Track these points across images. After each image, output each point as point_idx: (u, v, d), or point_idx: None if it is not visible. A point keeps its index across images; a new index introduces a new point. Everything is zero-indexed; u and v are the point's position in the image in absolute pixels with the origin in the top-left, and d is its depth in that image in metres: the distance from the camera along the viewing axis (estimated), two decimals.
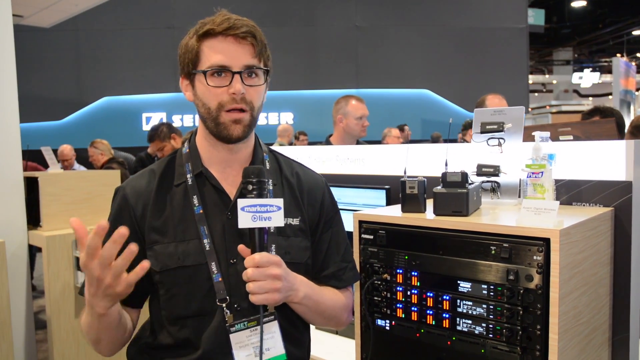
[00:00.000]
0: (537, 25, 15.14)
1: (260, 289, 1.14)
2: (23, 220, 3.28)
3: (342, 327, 1.44)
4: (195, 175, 1.30)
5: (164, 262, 1.24)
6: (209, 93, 1.24)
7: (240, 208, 1.13)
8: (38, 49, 9.77)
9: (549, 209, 1.16)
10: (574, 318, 1.16)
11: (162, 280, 1.25)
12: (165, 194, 1.29)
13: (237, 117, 1.24)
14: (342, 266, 1.38)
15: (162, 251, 1.25)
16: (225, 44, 1.22)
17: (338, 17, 11.38)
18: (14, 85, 3.26)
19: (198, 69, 1.25)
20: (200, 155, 1.32)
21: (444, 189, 1.31)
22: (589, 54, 22.49)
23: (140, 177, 1.33)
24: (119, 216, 1.29)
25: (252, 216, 1.14)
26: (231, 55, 1.22)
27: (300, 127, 9.36)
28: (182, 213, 1.27)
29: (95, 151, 5.70)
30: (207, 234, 1.25)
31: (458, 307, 1.23)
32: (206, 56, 1.23)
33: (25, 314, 3.28)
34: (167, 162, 1.35)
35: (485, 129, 1.52)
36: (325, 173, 2.29)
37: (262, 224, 1.15)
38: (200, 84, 1.25)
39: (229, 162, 1.32)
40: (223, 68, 1.22)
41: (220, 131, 1.25)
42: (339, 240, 1.41)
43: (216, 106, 1.23)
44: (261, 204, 1.15)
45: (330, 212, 1.41)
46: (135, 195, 1.29)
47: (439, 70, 11.61)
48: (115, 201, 1.33)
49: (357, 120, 3.47)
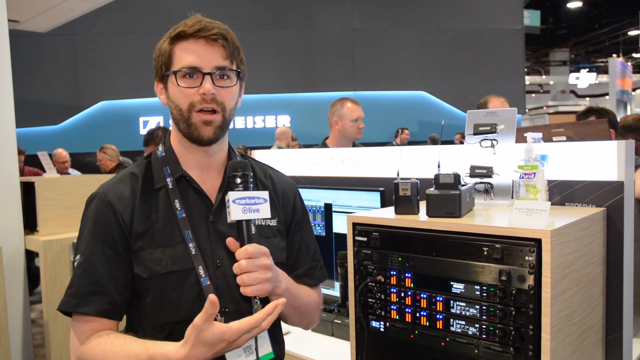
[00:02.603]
0: (533, 27, 15.18)
1: (254, 279, 1.17)
2: (20, 225, 3.28)
3: (313, 325, 1.49)
4: (176, 178, 1.29)
5: (152, 268, 1.23)
6: (181, 94, 1.25)
7: (232, 200, 1.17)
8: (35, 53, 9.77)
9: (541, 210, 1.17)
10: (567, 318, 1.17)
11: (150, 287, 1.23)
12: (149, 199, 1.28)
13: (208, 118, 1.25)
14: (312, 265, 1.47)
15: (149, 257, 1.24)
16: (196, 45, 1.24)
17: (334, 20, 11.39)
18: (10, 90, 3.26)
19: (170, 71, 1.26)
20: (178, 158, 1.32)
21: (437, 190, 1.32)
22: (586, 54, 22.55)
23: (121, 181, 1.30)
24: (105, 223, 1.24)
25: (243, 208, 1.18)
26: (202, 56, 1.24)
27: (297, 129, 9.38)
28: (166, 217, 1.26)
29: (105, 156, 5.76)
30: (191, 238, 1.25)
31: (451, 308, 1.24)
32: (178, 58, 1.25)
33: (23, 318, 3.28)
34: (145, 165, 1.33)
35: (478, 130, 1.53)
36: (320, 175, 2.30)
37: (252, 215, 1.19)
38: (172, 85, 1.26)
39: (205, 165, 1.33)
40: (194, 69, 1.23)
41: (191, 132, 1.26)
42: (309, 240, 1.48)
43: (187, 107, 1.25)
44: (250, 196, 1.19)
45: (300, 213, 1.47)
46: (119, 200, 1.26)
47: (435, 72, 11.63)
48: (93, 208, 1.27)
49: (353, 122, 3.48)
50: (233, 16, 11.11)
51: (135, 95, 10.57)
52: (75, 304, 1.21)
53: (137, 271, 1.24)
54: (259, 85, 10.40)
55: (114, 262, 1.23)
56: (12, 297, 3.15)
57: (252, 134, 11.01)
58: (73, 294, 1.22)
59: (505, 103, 3.34)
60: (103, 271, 1.22)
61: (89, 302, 1.20)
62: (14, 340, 3.18)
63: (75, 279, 1.24)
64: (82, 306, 1.20)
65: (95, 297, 1.21)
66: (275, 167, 1.52)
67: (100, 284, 1.22)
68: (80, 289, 1.21)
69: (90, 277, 1.22)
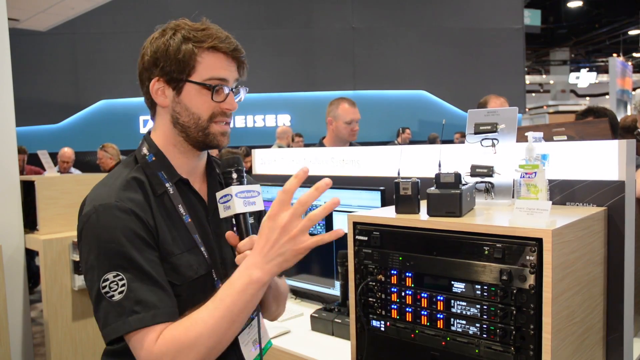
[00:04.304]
0: (533, 26, 15.18)
1: None
2: (20, 223, 3.27)
3: (279, 316, 1.48)
4: (174, 183, 1.28)
5: (185, 273, 1.21)
6: (204, 105, 1.25)
7: (235, 194, 1.19)
8: (35, 52, 9.76)
9: (542, 209, 1.16)
10: (567, 318, 1.17)
11: (181, 293, 1.19)
12: (158, 204, 1.24)
13: (226, 129, 1.30)
14: None
15: (179, 262, 1.20)
16: (226, 62, 1.26)
17: (335, 19, 11.39)
18: (10, 89, 3.26)
19: (192, 79, 1.23)
20: (171, 162, 1.30)
21: (438, 190, 1.31)
22: (586, 54, 22.55)
23: (129, 188, 1.21)
24: (136, 231, 1.15)
25: (244, 201, 1.21)
26: (229, 72, 1.27)
27: (297, 128, 9.38)
28: (177, 223, 1.25)
29: (105, 155, 5.77)
30: (200, 242, 1.26)
31: (452, 307, 1.24)
32: (206, 68, 1.23)
33: (22, 317, 3.27)
34: (143, 170, 1.27)
35: (479, 129, 1.53)
36: (321, 175, 2.30)
37: (250, 208, 1.22)
38: (194, 92, 1.24)
39: (194, 169, 1.34)
40: (223, 83, 1.25)
41: (209, 141, 1.27)
42: None
43: (208, 117, 1.25)
44: (247, 189, 1.22)
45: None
46: (139, 207, 1.18)
47: (435, 71, 11.63)
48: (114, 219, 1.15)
49: (346, 124, 3.45)
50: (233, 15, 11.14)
51: (136, 94, 10.45)
52: (152, 315, 1.09)
53: (169, 278, 1.18)
54: (259, 84, 10.40)
55: (159, 266, 1.17)
56: (12, 296, 3.15)
57: (252, 133, 11.01)
58: (143, 307, 1.09)
59: (505, 103, 3.34)
60: (157, 275, 1.14)
61: (164, 309, 1.11)
62: (14, 339, 3.17)
63: (135, 292, 1.10)
64: (157, 317, 1.10)
65: (167, 302, 1.13)
66: (276, 167, 1.53)
67: (163, 288, 1.14)
68: (149, 298, 1.10)
69: (152, 283, 1.13)
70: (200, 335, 1.07)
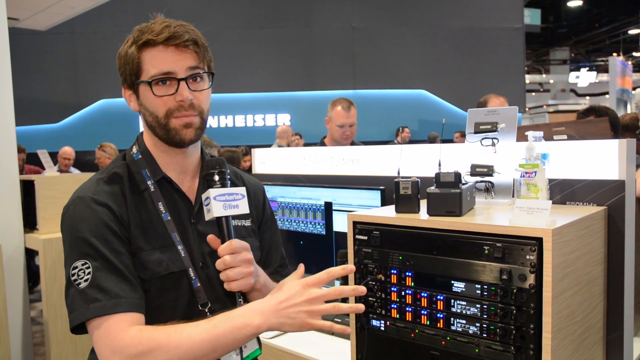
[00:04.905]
0: (533, 25, 15.17)
1: (238, 274, 1.18)
2: (19, 223, 3.28)
3: None
4: (156, 181, 1.28)
5: (154, 269, 1.22)
6: (156, 102, 1.23)
7: (213, 197, 1.18)
8: (34, 51, 9.76)
9: (542, 209, 1.16)
10: (567, 317, 1.16)
11: (149, 289, 1.21)
12: (136, 200, 1.26)
13: (187, 121, 1.24)
14: (282, 262, 1.51)
15: (148, 258, 1.22)
16: (166, 53, 1.21)
17: (334, 18, 11.38)
18: (10, 88, 3.26)
19: (141, 79, 1.23)
20: (156, 161, 1.30)
21: (438, 189, 1.31)
22: (586, 53, 22.55)
23: (107, 182, 1.25)
24: (104, 222, 1.18)
25: (223, 205, 1.19)
26: (174, 62, 1.21)
27: (297, 128, 9.37)
28: (154, 220, 1.25)
29: (104, 154, 5.76)
30: (179, 240, 1.25)
31: (452, 307, 1.24)
32: (148, 66, 1.22)
33: (22, 316, 3.28)
34: (126, 167, 1.30)
35: (479, 129, 1.53)
36: (321, 174, 2.30)
37: (232, 211, 1.20)
38: (146, 93, 1.24)
39: (182, 167, 1.33)
40: (167, 76, 1.21)
41: (172, 137, 1.25)
42: (277, 239, 1.52)
43: (164, 114, 1.23)
44: (229, 192, 1.21)
45: (269, 212, 1.51)
46: (113, 199, 1.22)
47: (435, 71, 11.62)
48: (85, 211, 1.18)
49: (338, 127, 3.45)
50: (233, 15, 11.14)
51: None
52: (113, 304, 1.11)
53: (138, 273, 1.21)
54: (259, 83, 10.40)
55: (128, 258, 1.19)
56: (11, 296, 3.15)
57: (252, 132, 11.00)
58: (105, 295, 1.11)
59: (505, 103, 3.33)
60: (123, 267, 1.16)
61: (127, 299, 1.13)
62: (14, 338, 3.18)
63: (99, 280, 1.12)
64: (119, 306, 1.11)
65: (130, 293, 1.14)
66: (276, 166, 1.53)
67: (128, 279, 1.16)
68: (112, 287, 1.12)
69: (117, 273, 1.14)
70: (179, 346, 1.07)
